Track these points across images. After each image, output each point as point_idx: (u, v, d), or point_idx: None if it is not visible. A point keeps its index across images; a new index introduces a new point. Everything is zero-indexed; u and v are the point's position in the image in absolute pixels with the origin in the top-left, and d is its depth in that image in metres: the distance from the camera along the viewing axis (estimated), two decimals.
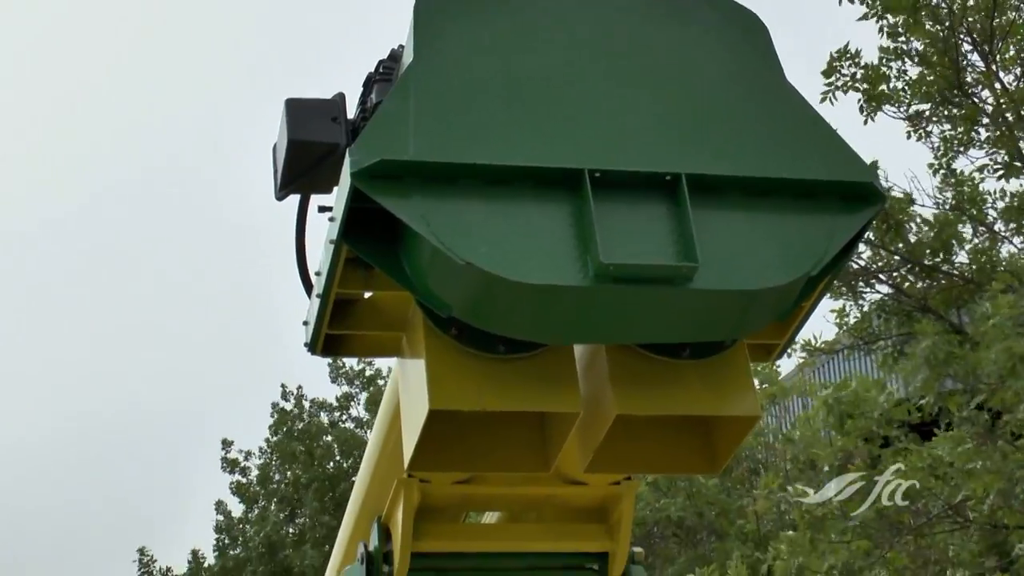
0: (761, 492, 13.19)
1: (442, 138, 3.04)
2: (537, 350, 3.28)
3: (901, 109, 13.53)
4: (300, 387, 30.63)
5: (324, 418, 30.58)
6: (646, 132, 3.19)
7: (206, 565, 29.94)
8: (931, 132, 13.58)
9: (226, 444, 30.77)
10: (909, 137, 13.54)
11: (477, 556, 4.44)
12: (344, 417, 30.65)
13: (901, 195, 13.17)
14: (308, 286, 3.72)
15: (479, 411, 3.34)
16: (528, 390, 3.28)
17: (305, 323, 3.70)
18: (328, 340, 3.67)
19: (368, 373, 30.28)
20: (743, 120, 3.27)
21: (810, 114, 3.33)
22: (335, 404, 30.58)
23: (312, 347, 3.68)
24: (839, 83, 13.08)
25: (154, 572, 30.56)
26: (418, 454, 3.40)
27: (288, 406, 30.46)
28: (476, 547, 4.43)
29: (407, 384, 3.55)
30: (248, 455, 30.92)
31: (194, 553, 30.13)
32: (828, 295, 12.80)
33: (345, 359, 29.85)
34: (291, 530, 29.65)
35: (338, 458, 29.94)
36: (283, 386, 30.50)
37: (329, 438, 30.04)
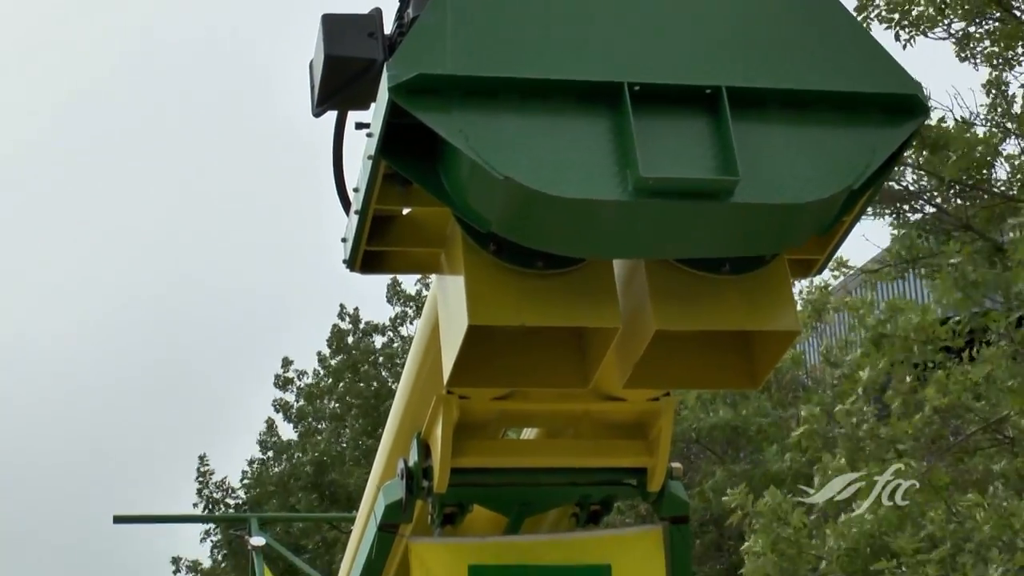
0: (805, 414, 13.17)
1: (480, 52, 3.01)
2: (576, 265, 3.27)
3: (939, 29, 13.34)
4: (356, 308, 31.11)
5: (377, 340, 30.98)
6: (686, 45, 3.14)
7: (258, 478, 30.48)
8: (977, 51, 13.38)
9: (286, 363, 31.26)
10: (958, 58, 13.35)
11: (516, 472, 4.46)
12: (395, 337, 31.00)
13: (944, 115, 13.03)
14: (346, 203, 3.72)
15: (518, 327, 3.34)
16: (567, 305, 3.27)
17: (344, 240, 3.70)
18: (367, 257, 3.67)
19: (425, 295, 30.51)
20: (784, 32, 3.22)
21: (853, 26, 3.28)
22: (387, 325, 30.96)
23: (351, 264, 3.68)
24: (873, 14, 12.91)
25: (211, 483, 31.10)
26: (457, 370, 3.41)
27: (344, 325, 30.96)
28: (515, 463, 4.44)
29: (446, 301, 3.55)
30: (302, 374, 31.41)
31: (250, 464, 30.69)
32: (868, 216, 12.79)
33: (401, 281, 30.30)
34: (337, 449, 30.08)
35: (385, 376, 30.32)
36: (341, 306, 31.04)
37: (380, 358, 30.48)
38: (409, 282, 30.85)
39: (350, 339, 31.04)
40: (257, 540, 11.81)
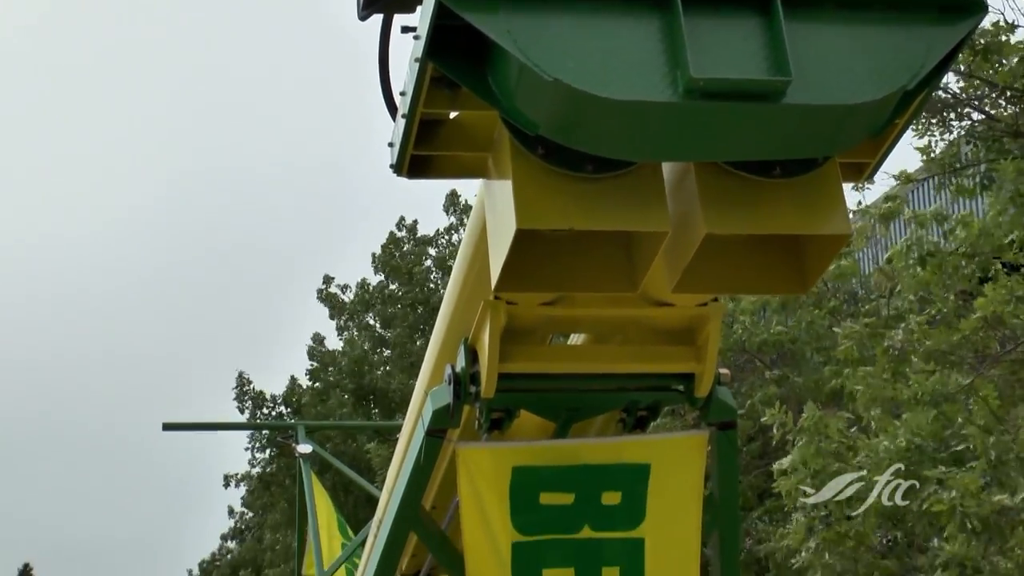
0: (845, 331, 13.12)
1: None
2: (625, 169, 3.24)
3: None
4: (416, 220, 31.46)
5: (431, 251, 31.30)
6: None
7: (299, 389, 30.89)
8: None
9: (327, 280, 31.64)
10: None
11: (563, 377, 4.48)
12: (447, 244, 31.27)
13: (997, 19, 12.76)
14: (393, 107, 3.70)
15: (566, 231, 3.33)
16: (616, 209, 3.25)
17: (391, 144, 3.68)
18: (414, 161, 3.66)
19: None
20: None
21: None
22: (441, 233, 31.26)
23: (398, 168, 3.67)
24: None
25: (250, 394, 31.54)
26: (505, 275, 3.40)
27: (400, 234, 31.36)
28: (562, 368, 4.45)
29: (494, 205, 3.54)
30: (345, 288, 31.76)
31: (291, 379, 31.09)
32: (915, 127, 12.61)
33: (460, 192, 30.46)
34: (380, 354, 30.41)
35: (437, 276, 30.61)
36: (402, 217, 31.41)
37: (429, 263, 30.84)
38: (469, 193, 31.08)
39: (405, 248, 31.40)
40: (304, 448, 11.92)
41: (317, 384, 30.71)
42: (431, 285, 30.54)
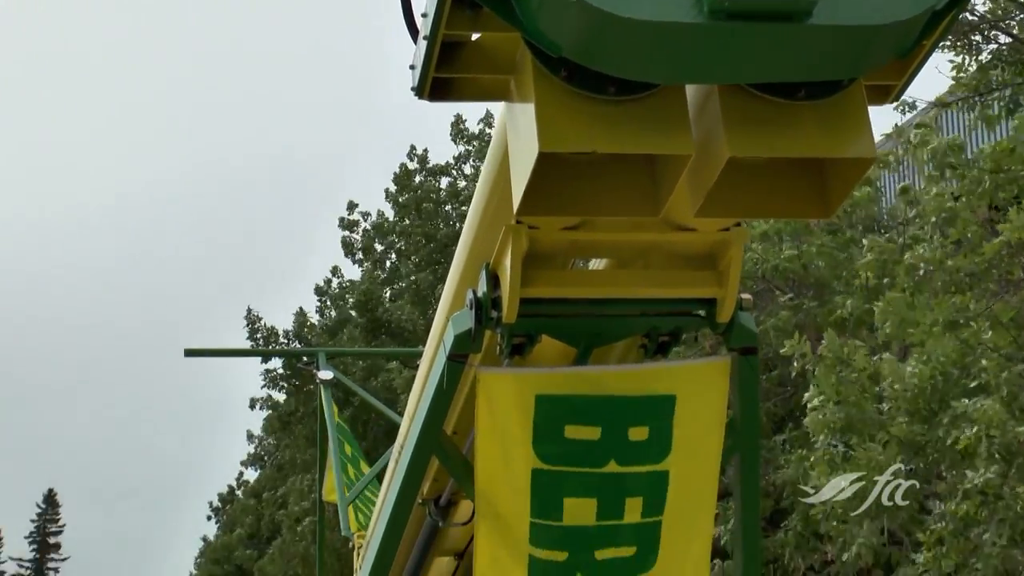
0: (870, 243, 13.06)
1: None
2: (648, 91, 3.22)
3: None
4: (426, 149, 31.37)
5: (443, 181, 31.24)
6: None
7: (309, 324, 30.95)
8: None
9: (351, 206, 31.62)
10: None
11: (585, 302, 4.46)
12: (458, 174, 31.22)
13: None
14: (414, 29, 3.66)
15: (589, 154, 3.31)
16: (639, 132, 3.23)
17: (412, 67, 3.65)
18: (435, 84, 3.63)
19: (488, 133, 30.66)
20: None
21: None
22: (451, 163, 31.20)
23: (419, 91, 3.64)
24: None
25: (261, 331, 31.64)
26: (527, 199, 3.39)
27: (412, 165, 31.28)
28: (584, 293, 4.43)
29: (516, 128, 3.51)
30: (366, 215, 31.76)
31: (300, 313, 31.13)
32: (942, 48, 12.46)
33: (465, 119, 30.33)
34: (392, 288, 30.48)
35: (448, 211, 30.58)
36: (412, 147, 31.34)
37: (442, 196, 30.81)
38: (472, 120, 30.94)
39: (417, 179, 31.32)
40: (325, 374, 11.98)
41: (327, 319, 30.80)
42: (442, 221, 30.50)
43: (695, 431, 4.58)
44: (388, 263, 31.35)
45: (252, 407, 33.19)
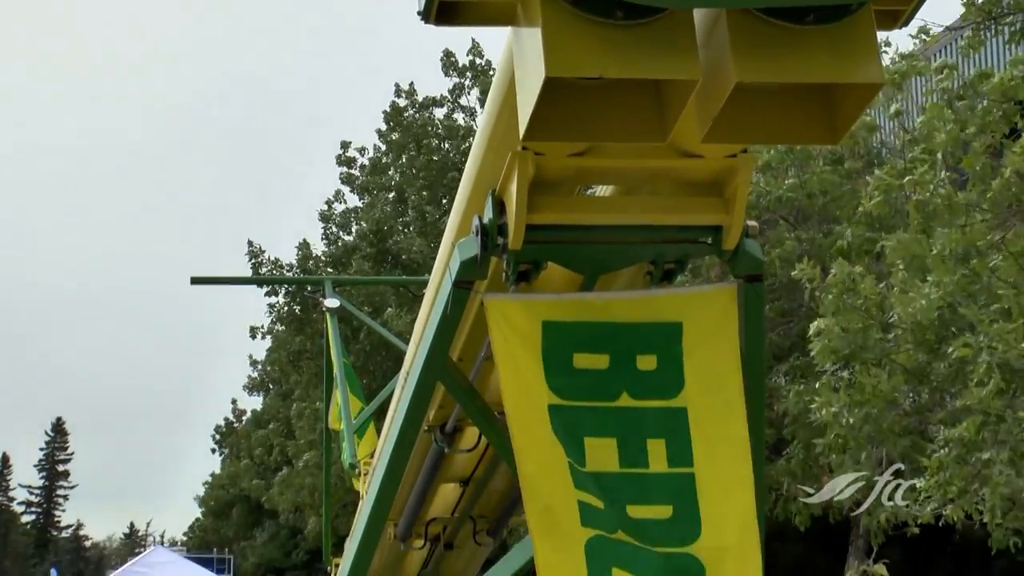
0: (875, 183, 12.99)
1: None
2: (656, 15, 3.20)
3: None
4: (412, 83, 31.13)
5: (437, 113, 31.03)
6: None
7: (314, 255, 30.89)
8: None
9: (344, 145, 31.50)
10: None
11: (591, 229, 4.45)
12: (455, 108, 31.02)
13: None
14: None
15: (596, 79, 3.30)
16: (646, 56, 3.22)
17: None
18: (441, 8, 3.61)
19: (479, 64, 30.43)
20: None
21: None
22: (446, 96, 30.97)
23: (426, 15, 3.61)
24: None
25: (264, 262, 31.56)
26: (533, 124, 3.38)
27: (402, 103, 31.05)
28: (590, 220, 4.43)
29: (522, 53, 3.50)
30: (363, 150, 31.64)
31: (304, 245, 31.06)
32: None
33: (453, 52, 30.06)
34: (399, 220, 30.41)
35: (446, 147, 30.40)
36: (396, 84, 31.13)
37: (439, 129, 30.61)
38: (461, 52, 30.70)
39: (408, 113, 31.11)
40: (331, 302, 11.97)
41: (333, 248, 30.72)
42: (440, 154, 30.33)
43: (707, 362, 4.54)
44: (390, 197, 31.24)
45: (253, 336, 33.20)
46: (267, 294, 31.34)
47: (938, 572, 25.84)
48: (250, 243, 31.47)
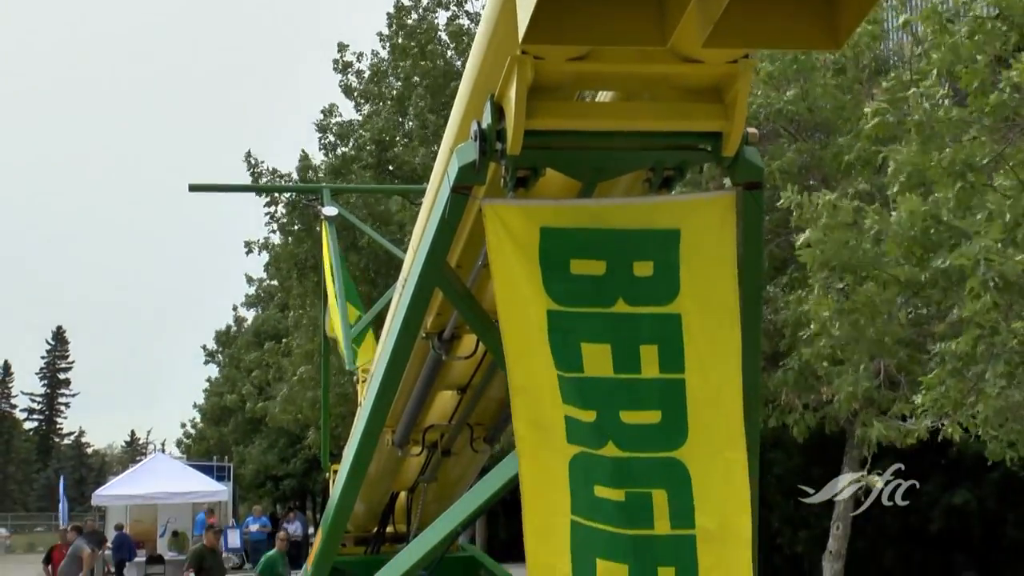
0: (874, 107, 12.89)
1: None
2: None
3: None
4: None
5: (441, 16, 30.63)
6: None
7: (314, 164, 30.66)
8: None
9: (341, 47, 31.05)
10: None
11: (590, 135, 4.42)
12: (460, 13, 30.63)
13: None
14: None
15: None
16: None
17: None
18: None
19: None
20: None
21: None
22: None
23: None
24: None
25: (263, 172, 31.33)
26: (533, 27, 3.34)
27: (407, 1, 30.59)
28: (589, 125, 4.39)
29: None
30: (360, 56, 31.24)
31: (304, 156, 30.82)
32: None
33: None
34: (400, 130, 30.17)
35: (451, 55, 30.09)
36: None
37: (444, 35, 30.22)
38: None
39: (413, 16, 30.70)
40: (329, 210, 11.96)
41: (332, 158, 30.45)
42: (445, 60, 29.98)
43: (703, 270, 4.53)
44: (390, 103, 30.90)
45: (248, 251, 33.00)
46: (266, 204, 31.08)
47: (932, 484, 26.07)
48: (248, 154, 31.27)
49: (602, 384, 4.50)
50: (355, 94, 31.32)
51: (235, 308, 49.69)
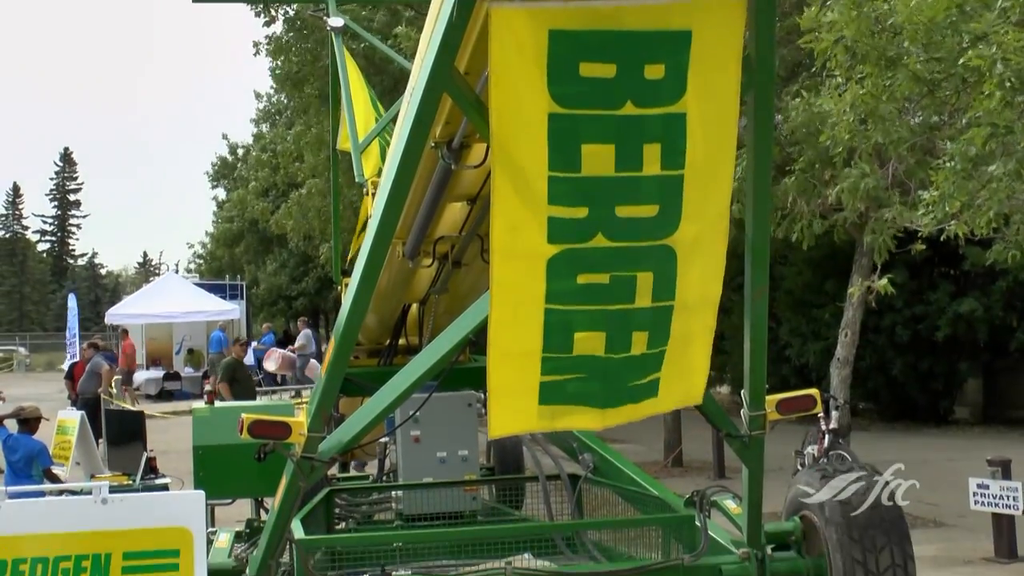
0: None
1: None
2: None
3: None
4: None
5: None
6: None
7: None
8: None
9: None
10: None
11: None
12: None
13: None
14: None
15: None
16: None
17: None
18: None
19: None
20: None
21: None
22: None
23: None
24: None
25: None
26: None
27: None
28: None
29: None
30: None
31: None
32: None
33: None
34: None
35: None
36: None
37: None
38: None
39: None
40: (336, 21, 11.77)
41: None
42: None
43: (711, 68, 4.50)
44: None
45: (256, 53, 31.90)
46: (265, 24, 30.27)
47: (939, 293, 26.24)
48: None
49: (600, 182, 4.58)
50: None
51: (225, 136, 49.13)
